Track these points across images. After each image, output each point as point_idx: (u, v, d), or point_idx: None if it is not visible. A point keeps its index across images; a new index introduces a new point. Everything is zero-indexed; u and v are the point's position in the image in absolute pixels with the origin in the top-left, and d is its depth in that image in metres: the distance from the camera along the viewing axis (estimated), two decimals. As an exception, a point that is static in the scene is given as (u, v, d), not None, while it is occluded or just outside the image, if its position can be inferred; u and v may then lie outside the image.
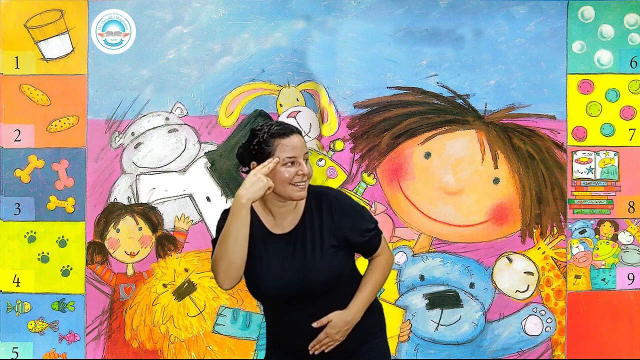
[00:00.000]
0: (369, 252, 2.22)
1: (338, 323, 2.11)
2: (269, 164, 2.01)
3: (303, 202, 2.12)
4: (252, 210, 2.08)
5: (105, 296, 3.41)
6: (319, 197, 2.14)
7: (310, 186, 2.14)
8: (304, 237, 2.09)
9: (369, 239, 2.17)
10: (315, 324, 2.11)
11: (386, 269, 2.23)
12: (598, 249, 3.44)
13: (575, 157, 3.43)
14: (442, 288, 3.43)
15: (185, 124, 3.41)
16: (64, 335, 3.40)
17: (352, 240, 2.13)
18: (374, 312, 2.25)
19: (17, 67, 3.39)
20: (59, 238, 3.40)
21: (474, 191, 3.42)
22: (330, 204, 2.12)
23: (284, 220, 2.11)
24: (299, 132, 2.08)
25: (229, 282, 2.04)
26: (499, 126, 3.42)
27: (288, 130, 2.05)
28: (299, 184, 2.03)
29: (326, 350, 2.14)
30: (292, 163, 2.03)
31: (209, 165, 3.41)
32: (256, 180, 1.99)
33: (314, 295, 2.09)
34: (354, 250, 2.18)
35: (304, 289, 2.07)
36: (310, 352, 2.13)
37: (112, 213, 3.40)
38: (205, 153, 3.42)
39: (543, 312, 3.42)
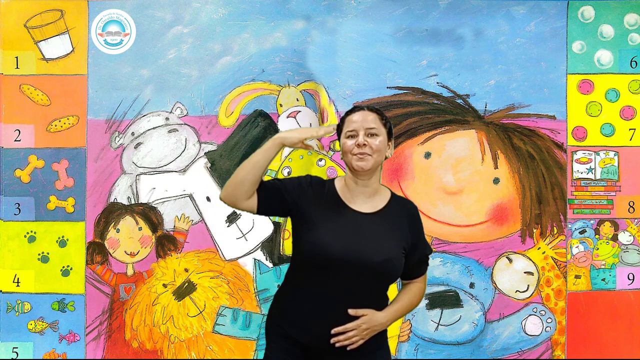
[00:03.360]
0: (413, 274, 2.35)
1: (372, 319, 2.20)
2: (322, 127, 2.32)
3: (386, 196, 2.29)
4: (332, 182, 2.31)
5: (105, 296, 3.41)
6: (404, 202, 2.35)
7: (396, 195, 2.33)
8: (381, 222, 2.23)
9: (421, 262, 2.34)
10: (351, 311, 2.17)
11: (420, 296, 2.38)
12: (598, 249, 3.44)
13: (575, 157, 3.43)
14: (442, 288, 3.43)
15: (185, 124, 3.41)
16: (64, 335, 3.40)
17: (411, 254, 2.27)
18: None
19: (17, 67, 3.39)
20: (59, 238, 3.40)
21: (474, 191, 3.42)
22: (412, 212, 2.32)
23: (363, 201, 2.26)
24: (370, 109, 2.26)
25: (225, 190, 2.21)
26: (499, 126, 3.42)
27: (354, 108, 2.29)
28: (356, 154, 2.20)
29: (345, 346, 2.18)
30: (352, 136, 2.23)
31: (209, 165, 3.41)
32: (296, 128, 2.27)
33: (362, 275, 2.15)
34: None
35: (359, 262, 2.14)
36: (334, 340, 2.17)
37: (112, 213, 3.40)
38: (205, 153, 3.42)
39: (543, 312, 3.42)
